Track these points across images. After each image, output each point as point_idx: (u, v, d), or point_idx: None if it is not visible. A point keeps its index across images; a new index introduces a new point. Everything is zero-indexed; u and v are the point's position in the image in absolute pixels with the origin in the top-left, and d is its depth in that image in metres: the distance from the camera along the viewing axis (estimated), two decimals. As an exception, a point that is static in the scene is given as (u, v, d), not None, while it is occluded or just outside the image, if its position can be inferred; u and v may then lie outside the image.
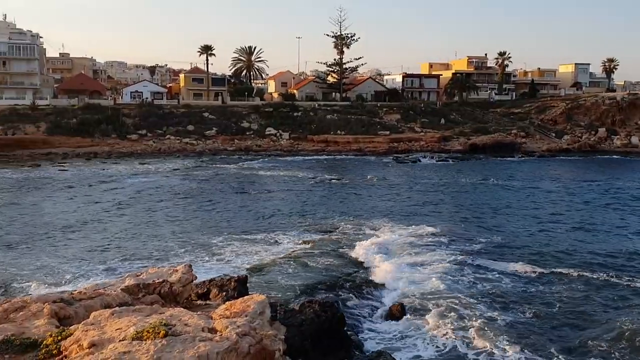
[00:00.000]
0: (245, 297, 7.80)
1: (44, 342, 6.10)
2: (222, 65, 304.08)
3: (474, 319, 20.61)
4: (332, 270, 26.42)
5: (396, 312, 21.38)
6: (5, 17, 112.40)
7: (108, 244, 31.59)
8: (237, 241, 32.07)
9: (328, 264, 27.34)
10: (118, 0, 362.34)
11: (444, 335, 19.50)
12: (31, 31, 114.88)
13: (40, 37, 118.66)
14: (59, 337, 6.09)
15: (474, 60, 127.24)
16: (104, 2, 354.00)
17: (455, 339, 19.18)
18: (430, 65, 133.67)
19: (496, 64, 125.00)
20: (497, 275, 26.04)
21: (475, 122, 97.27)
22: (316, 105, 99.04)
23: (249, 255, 29.27)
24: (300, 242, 31.83)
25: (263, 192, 50.12)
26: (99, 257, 28.92)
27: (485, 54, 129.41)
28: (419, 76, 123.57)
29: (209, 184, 53.64)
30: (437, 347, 18.84)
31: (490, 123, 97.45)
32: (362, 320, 21.01)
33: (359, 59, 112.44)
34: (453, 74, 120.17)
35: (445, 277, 25.39)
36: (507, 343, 18.71)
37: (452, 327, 20.04)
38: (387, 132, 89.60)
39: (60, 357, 5.75)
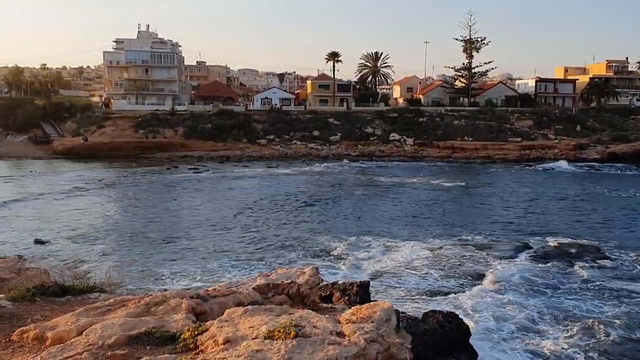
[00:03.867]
0: (372, 303, 7.74)
1: (181, 336, 6.39)
2: (348, 71, 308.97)
3: (611, 339, 19.28)
4: (458, 280, 25.78)
5: (525, 324, 20.46)
6: (148, 28, 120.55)
7: (235, 242, 32.90)
8: (357, 245, 32.17)
9: (452, 274, 26.73)
10: (251, 11, 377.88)
11: (582, 354, 18.38)
12: (171, 40, 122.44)
13: (180, 46, 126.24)
14: (196, 332, 6.36)
15: (613, 64, 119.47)
16: (237, 14, 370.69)
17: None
18: (566, 70, 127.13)
19: (639, 68, 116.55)
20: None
21: (614, 129, 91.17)
22: (442, 110, 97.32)
23: (370, 260, 29.26)
24: (423, 249, 31.35)
25: (385, 197, 49.95)
26: (227, 255, 30.19)
27: (627, 58, 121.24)
28: (553, 81, 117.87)
29: (332, 188, 54.32)
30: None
31: (631, 131, 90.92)
32: (490, 333, 20.28)
33: (489, 63, 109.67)
34: (590, 78, 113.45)
35: (582, 295, 23.98)
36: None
37: (591, 345, 18.87)
38: (519, 139, 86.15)
39: (197, 351, 6.00)
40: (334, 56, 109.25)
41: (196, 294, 8.14)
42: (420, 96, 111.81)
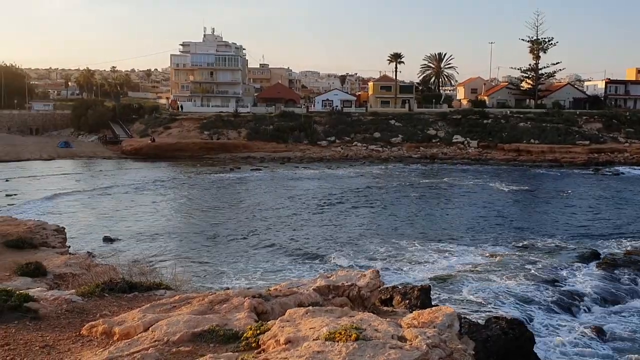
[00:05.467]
0: (434, 307, 7.64)
1: (244, 335, 6.47)
2: (410, 72, 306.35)
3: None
4: (520, 287, 25.13)
5: (593, 336, 19.73)
6: (214, 31, 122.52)
7: (294, 242, 33.21)
8: (420, 249, 31.85)
9: (515, 280, 26.08)
10: (313, 14, 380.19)
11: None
12: (235, 43, 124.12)
13: (244, 49, 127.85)
14: (258, 331, 6.42)
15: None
16: (300, 16, 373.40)
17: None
18: (638, 71, 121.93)
19: None
20: None
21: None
22: (508, 112, 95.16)
23: (433, 264, 28.94)
24: (486, 254, 30.75)
25: (448, 200, 49.27)
26: (286, 254, 30.52)
27: None
28: (624, 82, 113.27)
29: (392, 190, 53.97)
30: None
31: None
32: (554, 342, 19.68)
33: (556, 64, 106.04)
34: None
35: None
36: None
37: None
38: (587, 142, 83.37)
39: (259, 350, 6.06)
40: (396, 57, 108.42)
41: (258, 293, 8.23)
42: (485, 97, 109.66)
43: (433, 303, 19.82)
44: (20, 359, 6.70)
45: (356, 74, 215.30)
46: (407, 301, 19.66)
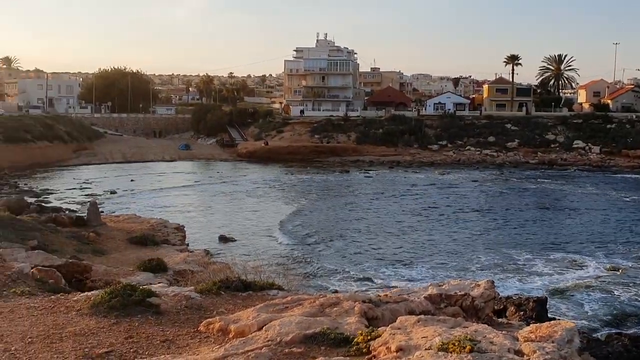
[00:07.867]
0: (552, 321, 7.28)
1: (354, 340, 6.47)
2: (527, 75, 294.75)
3: None
4: (647, 303, 23.51)
5: None
6: (326, 36, 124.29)
7: (403, 248, 32.88)
8: (535, 259, 30.62)
9: (641, 296, 24.44)
10: (426, 17, 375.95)
11: None
12: (347, 48, 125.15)
13: (355, 53, 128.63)
14: (369, 337, 6.40)
15: None
16: (412, 19, 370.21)
17: None
18: None
19: None
20: None
21: None
22: (634, 116, 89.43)
23: (548, 276, 27.75)
24: (608, 267, 29.01)
25: (566, 209, 46.93)
26: (396, 259, 30.30)
27: None
28: None
29: (507, 197, 52.22)
30: None
31: None
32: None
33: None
34: None
35: None
36: None
37: None
38: None
39: (370, 356, 6.04)
40: (513, 59, 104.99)
41: (368, 298, 8.22)
42: (609, 101, 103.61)
43: (549, 316, 18.99)
44: (142, 352, 7.03)
45: (470, 76, 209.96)
46: (522, 313, 18.97)
